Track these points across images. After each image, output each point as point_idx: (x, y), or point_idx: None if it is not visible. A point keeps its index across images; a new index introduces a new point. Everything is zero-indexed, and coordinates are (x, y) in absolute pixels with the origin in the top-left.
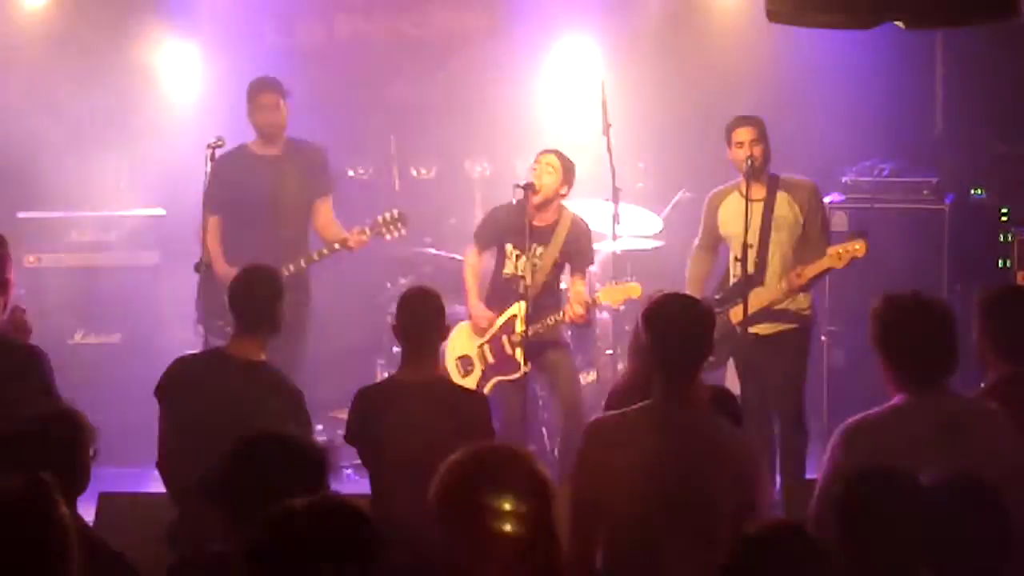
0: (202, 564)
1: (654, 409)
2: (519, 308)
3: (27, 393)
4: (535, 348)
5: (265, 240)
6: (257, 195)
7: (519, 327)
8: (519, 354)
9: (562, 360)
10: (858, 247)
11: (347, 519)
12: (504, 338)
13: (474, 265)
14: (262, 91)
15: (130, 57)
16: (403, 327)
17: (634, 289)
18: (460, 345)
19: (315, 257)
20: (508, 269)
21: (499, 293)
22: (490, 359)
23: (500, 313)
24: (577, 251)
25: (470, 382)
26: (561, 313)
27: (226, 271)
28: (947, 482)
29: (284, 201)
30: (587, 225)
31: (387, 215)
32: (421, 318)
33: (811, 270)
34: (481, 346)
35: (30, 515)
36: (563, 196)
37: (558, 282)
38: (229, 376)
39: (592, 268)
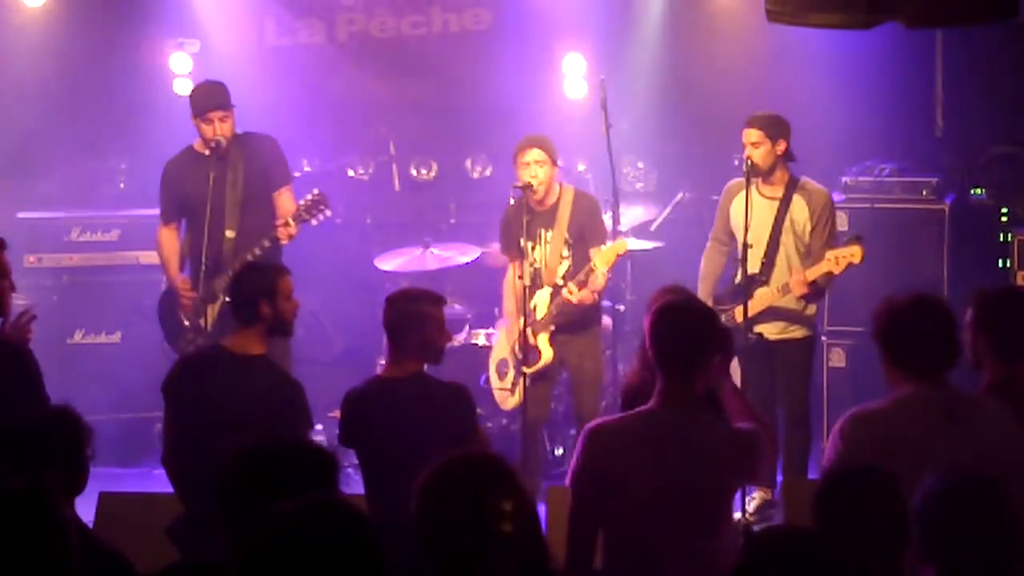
0: (196, 568)
1: (652, 412)
2: (538, 297)
3: (19, 393)
4: (564, 331)
5: (219, 238)
6: (205, 195)
7: (539, 315)
8: (540, 341)
9: (587, 362)
10: (854, 253)
11: (343, 520)
12: (528, 330)
13: (512, 284)
14: (211, 108)
15: (130, 57)
16: (386, 326)
17: (621, 245)
18: (499, 350)
19: (248, 257)
20: (528, 262)
21: (530, 289)
22: (519, 355)
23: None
24: (589, 225)
25: (507, 383)
26: (566, 291)
27: (175, 277)
28: (948, 477)
29: (233, 197)
30: (593, 198)
31: (306, 199)
32: (399, 317)
33: (811, 273)
34: (512, 345)
35: (34, 514)
36: (556, 175)
37: (586, 263)
38: (227, 371)
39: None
